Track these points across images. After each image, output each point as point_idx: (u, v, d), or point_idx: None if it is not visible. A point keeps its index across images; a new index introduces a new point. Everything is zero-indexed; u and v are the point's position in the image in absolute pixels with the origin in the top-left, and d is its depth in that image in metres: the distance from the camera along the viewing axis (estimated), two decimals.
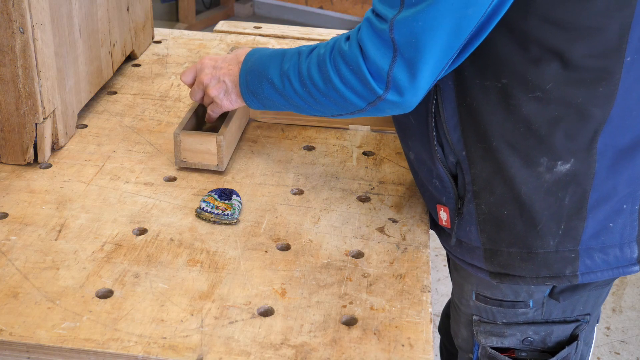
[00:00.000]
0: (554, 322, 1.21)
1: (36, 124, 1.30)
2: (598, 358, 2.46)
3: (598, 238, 1.11)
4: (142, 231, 1.18)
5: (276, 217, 1.23)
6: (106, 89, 1.64)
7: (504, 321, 1.21)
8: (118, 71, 1.72)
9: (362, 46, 1.00)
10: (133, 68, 1.76)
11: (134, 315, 1.00)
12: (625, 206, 1.10)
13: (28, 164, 1.33)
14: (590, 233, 1.10)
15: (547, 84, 1.02)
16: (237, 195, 1.24)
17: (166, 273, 1.09)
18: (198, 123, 1.42)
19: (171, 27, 4.61)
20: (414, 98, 1.01)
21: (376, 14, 1.00)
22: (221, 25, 2.08)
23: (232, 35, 2.00)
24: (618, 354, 2.46)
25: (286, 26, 2.07)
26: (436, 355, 2.30)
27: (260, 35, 2.00)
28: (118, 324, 0.99)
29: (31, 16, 1.22)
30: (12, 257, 1.10)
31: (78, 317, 0.99)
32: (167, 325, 0.99)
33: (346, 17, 5.18)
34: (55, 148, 1.38)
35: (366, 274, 1.11)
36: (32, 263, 1.09)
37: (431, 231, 1.27)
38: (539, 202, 1.08)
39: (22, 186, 1.28)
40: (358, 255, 1.15)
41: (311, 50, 1.11)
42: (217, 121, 1.38)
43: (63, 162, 1.35)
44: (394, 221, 1.23)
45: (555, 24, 0.98)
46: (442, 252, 2.85)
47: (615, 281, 2.41)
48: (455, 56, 1.00)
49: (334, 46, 1.06)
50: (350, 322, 1.01)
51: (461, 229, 1.16)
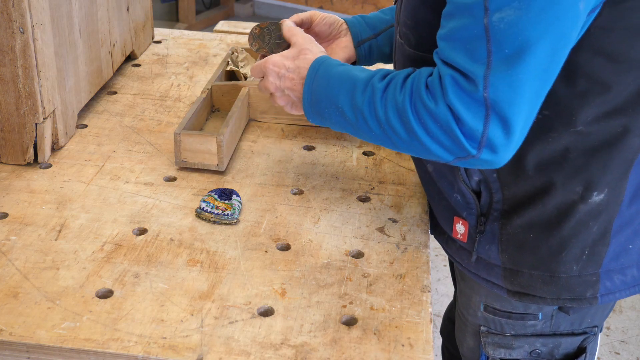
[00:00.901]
0: (562, 335, 1.20)
1: (36, 124, 1.30)
2: (598, 358, 2.46)
3: (618, 260, 1.11)
4: (142, 231, 1.18)
5: (276, 217, 1.23)
6: (106, 89, 1.64)
7: (512, 333, 1.21)
8: (118, 71, 1.72)
9: (452, 107, 0.94)
10: (133, 68, 1.76)
11: (134, 315, 1.00)
12: None
13: (28, 164, 1.33)
14: (611, 256, 1.10)
15: (590, 117, 1.01)
16: (237, 195, 1.24)
17: (166, 273, 1.09)
18: (198, 123, 1.42)
19: (171, 27, 4.61)
20: (508, 154, 0.96)
21: (460, 71, 0.94)
22: (221, 25, 2.08)
23: (232, 35, 2.00)
24: (618, 354, 2.46)
25: None
26: (436, 355, 2.30)
27: None
28: (118, 324, 0.99)
29: (31, 16, 1.22)
30: (12, 257, 1.10)
31: (78, 317, 0.99)
32: (167, 325, 0.99)
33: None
34: (55, 148, 1.38)
35: (366, 274, 1.11)
36: (32, 263, 1.09)
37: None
38: (569, 230, 1.07)
39: (22, 186, 1.28)
40: (358, 255, 1.15)
41: (385, 87, 1.02)
42: (218, 121, 1.38)
43: (63, 162, 1.35)
44: (394, 221, 1.23)
45: (607, 57, 0.97)
46: (442, 252, 2.85)
47: None
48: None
49: (413, 93, 0.98)
50: (350, 322, 1.01)
51: (480, 246, 1.14)
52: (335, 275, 1.10)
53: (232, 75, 1.61)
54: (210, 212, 1.20)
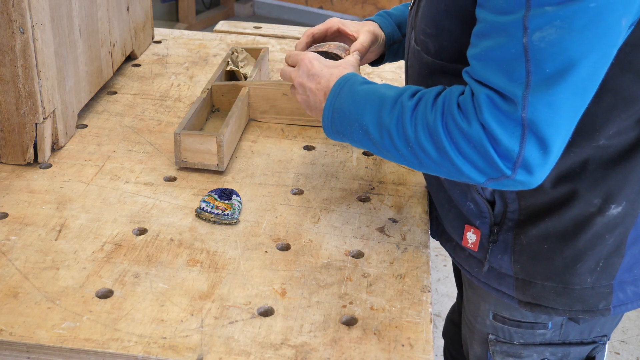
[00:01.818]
0: (571, 344, 1.19)
1: (36, 124, 1.30)
2: None
3: (631, 271, 1.11)
4: (142, 231, 1.18)
5: (276, 217, 1.23)
6: (106, 89, 1.64)
7: (521, 342, 1.20)
8: (118, 71, 1.72)
9: (487, 127, 0.91)
10: (133, 68, 1.76)
11: (134, 315, 1.00)
12: None
13: (28, 164, 1.33)
14: (625, 268, 1.10)
15: (612, 130, 1.00)
16: (237, 195, 1.24)
17: (166, 273, 1.09)
18: (199, 123, 1.42)
19: (171, 27, 4.61)
20: (543, 175, 0.94)
21: (496, 91, 0.91)
22: (221, 25, 2.08)
23: (232, 35, 2.00)
24: (618, 354, 2.46)
25: (286, 26, 2.07)
26: (436, 355, 2.30)
27: (260, 35, 2.00)
28: (118, 324, 0.99)
29: (31, 16, 1.22)
30: (12, 257, 1.10)
31: (78, 317, 0.99)
32: (167, 325, 0.99)
33: (346, 17, 5.19)
34: (55, 148, 1.38)
35: (366, 274, 1.11)
36: (32, 263, 1.09)
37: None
38: (584, 242, 1.07)
39: (22, 186, 1.28)
40: (358, 255, 1.15)
41: (415, 105, 1.00)
42: (218, 121, 1.38)
43: (63, 162, 1.35)
44: (394, 221, 1.23)
45: (635, 73, 0.96)
46: (442, 252, 2.85)
47: None
48: None
49: (445, 112, 0.96)
50: (350, 322, 1.01)
51: (492, 256, 1.13)
52: (335, 275, 1.10)
53: (232, 75, 1.61)
54: (210, 212, 1.20)
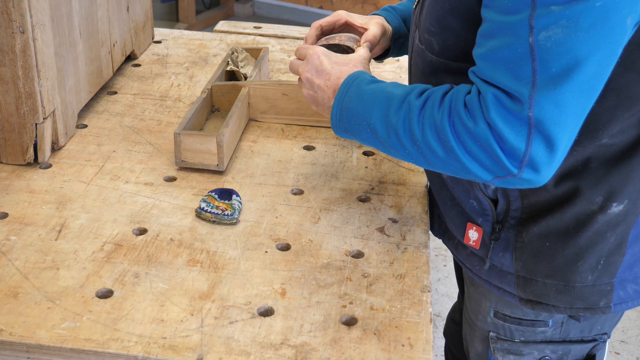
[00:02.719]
0: (572, 342, 1.20)
1: (36, 124, 1.30)
2: None
3: (632, 269, 1.11)
4: (142, 231, 1.18)
5: (276, 217, 1.23)
6: (106, 89, 1.64)
7: (522, 339, 1.20)
8: (118, 71, 1.72)
9: (494, 126, 0.92)
10: (133, 68, 1.76)
11: (134, 315, 1.00)
12: None
13: (28, 164, 1.33)
14: (625, 266, 1.10)
15: (615, 129, 1.00)
16: (237, 195, 1.24)
17: (166, 273, 1.09)
18: (199, 123, 1.42)
19: (171, 27, 4.61)
20: (550, 173, 0.94)
21: (503, 90, 0.92)
22: (221, 25, 2.08)
23: (232, 35, 2.00)
24: (618, 354, 2.46)
25: (286, 26, 2.08)
26: (436, 355, 2.30)
27: (260, 35, 2.00)
28: (118, 324, 0.99)
29: (31, 16, 1.22)
30: (12, 257, 1.10)
31: (78, 317, 0.99)
32: (167, 325, 0.99)
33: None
34: (55, 148, 1.38)
35: (366, 274, 1.11)
36: (32, 263, 1.09)
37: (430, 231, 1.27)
38: (585, 240, 1.07)
39: (22, 186, 1.28)
40: (358, 255, 1.15)
41: (423, 104, 1.00)
42: (218, 121, 1.38)
43: (63, 162, 1.35)
44: (394, 221, 1.23)
45: (638, 72, 0.96)
46: (442, 252, 2.85)
47: None
48: None
49: (452, 111, 0.97)
50: (350, 322, 1.01)
51: (494, 253, 1.14)
52: (335, 275, 1.10)
53: (232, 75, 1.61)
54: (210, 212, 1.20)
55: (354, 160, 1.41)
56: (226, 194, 1.23)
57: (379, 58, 1.38)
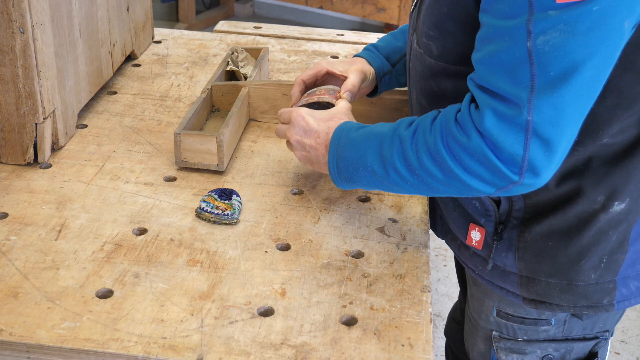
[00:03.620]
0: (574, 340, 1.20)
1: (36, 124, 1.30)
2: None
3: (634, 266, 1.11)
4: (142, 231, 1.18)
5: (276, 217, 1.23)
6: (106, 89, 1.64)
7: (525, 338, 1.21)
8: (118, 71, 1.72)
9: (487, 135, 0.92)
10: (133, 68, 1.76)
11: (134, 315, 1.00)
12: None
13: (28, 164, 1.33)
14: (628, 263, 1.11)
15: (615, 129, 1.01)
16: (237, 195, 1.24)
17: (166, 273, 1.09)
18: (199, 123, 1.42)
19: (171, 27, 4.61)
20: (549, 175, 0.95)
21: (500, 96, 0.92)
22: (221, 25, 2.08)
23: (232, 35, 2.00)
24: (618, 354, 2.46)
25: (286, 26, 2.08)
26: (437, 355, 2.30)
27: (260, 35, 2.00)
28: (118, 324, 0.99)
29: (31, 16, 1.22)
30: (12, 257, 1.10)
31: (78, 317, 0.99)
32: (167, 325, 0.99)
33: (346, 17, 5.18)
34: (55, 148, 1.38)
35: (366, 274, 1.11)
36: (32, 263, 1.09)
37: (430, 231, 1.27)
38: (588, 239, 1.07)
39: (22, 186, 1.28)
40: (358, 255, 1.15)
41: (413, 133, 1.01)
42: (218, 121, 1.38)
43: (63, 162, 1.35)
44: (394, 221, 1.23)
45: (637, 73, 0.97)
46: (442, 252, 2.85)
47: None
48: None
49: (443, 132, 0.97)
50: (350, 322, 1.01)
51: (497, 254, 1.14)
52: (335, 275, 1.10)
53: (232, 75, 1.61)
54: (210, 212, 1.20)
55: None
56: (226, 194, 1.23)
57: (370, 95, 1.41)
